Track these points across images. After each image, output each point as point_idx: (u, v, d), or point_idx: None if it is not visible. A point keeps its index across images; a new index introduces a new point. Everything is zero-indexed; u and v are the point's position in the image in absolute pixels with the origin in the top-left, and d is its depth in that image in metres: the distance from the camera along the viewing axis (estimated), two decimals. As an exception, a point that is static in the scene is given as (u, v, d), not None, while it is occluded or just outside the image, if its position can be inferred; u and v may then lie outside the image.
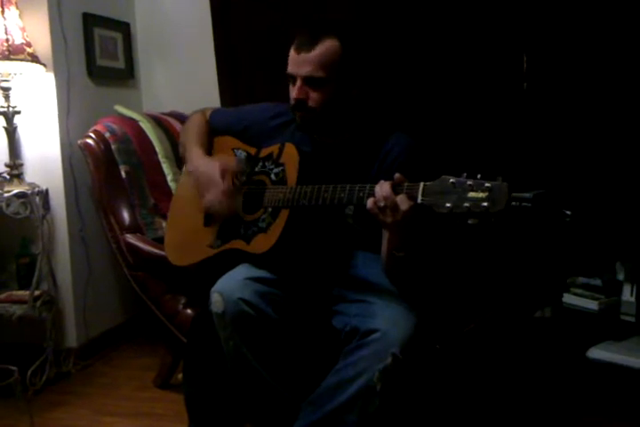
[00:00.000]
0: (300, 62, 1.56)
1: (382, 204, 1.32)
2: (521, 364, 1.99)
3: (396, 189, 1.32)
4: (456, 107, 2.39)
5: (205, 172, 1.70)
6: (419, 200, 1.28)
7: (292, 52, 1.59)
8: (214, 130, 1.87)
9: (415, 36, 2.40)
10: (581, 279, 2.18)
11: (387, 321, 1.44)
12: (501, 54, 2.32)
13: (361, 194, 1.39)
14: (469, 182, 1.21)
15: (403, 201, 1.30)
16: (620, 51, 2.16)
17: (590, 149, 2.22)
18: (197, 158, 1.76)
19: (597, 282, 2.15)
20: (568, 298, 2.11)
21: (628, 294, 2.03)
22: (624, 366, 1.83)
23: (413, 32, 2.40)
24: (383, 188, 1.33)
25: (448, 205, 1.22)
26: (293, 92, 1.59)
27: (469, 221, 1.22)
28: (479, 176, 1.22)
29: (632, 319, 2.00)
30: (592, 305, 2.05)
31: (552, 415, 1.90)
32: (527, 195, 2.14)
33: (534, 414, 1.91)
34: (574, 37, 2.22)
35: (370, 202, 1.35)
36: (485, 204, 1.18)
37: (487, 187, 1.19)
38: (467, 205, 1.20)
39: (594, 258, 2.16)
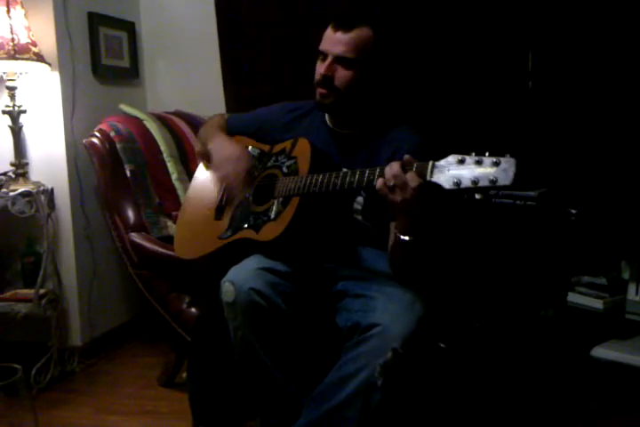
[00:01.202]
0: (335, 40, 1.62)
1: (392, 182, 1.33)
2: (525, 362, 1.98)
3: (405, 168, 1.33)
4: (462, 105, 2.39)
5: (229, 148, 1.75)
6: (428, 178, 1.29)
7: (328, 30, 1.65)
8: (230, 133, 1.90)
9: (421, 34, 2.40)
10: (586, 278, 2.17)
11: (388, 315, 1.44)
12: (507, 53, 2.32)
13: (371, 177, 1.41)
14: (477, 159, 1.23)
15: (412, 178, 1.31)
16: (625, 49, 2.16)
17: (595, 148, 2.21)
18: (222, 140, 1.81)
19: (602, 281, 2.14)
20: (573, 297, 2.11)
21: (633, 293, 2.02)
22: (629, 365, 1.83)
23: (420, 31, 2.40)
24: (393, 167, 1.34)
25: (456, 180, 1.23)
26: (322, 67, 1.64)
27: (476, 196, 1.23)
28: (487, 154, 1.23)
29: (637, 318, 2.00)
30: (597, 304, 2.04)
31: (556, 414, 1.90)
32: (532, 194, 2.14)
33: (538, 413, 1.91)
34: (579, 36, 2.21)
35: (379, 182, 1.36)
36: (493, 177, 1.20)
37: (495, 162, 1.21)
38: (475, 179, 1.21)
39: (599, 257, 2.16)
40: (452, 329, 1.91)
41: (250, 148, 1.82)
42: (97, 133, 2.35)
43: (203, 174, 1.94)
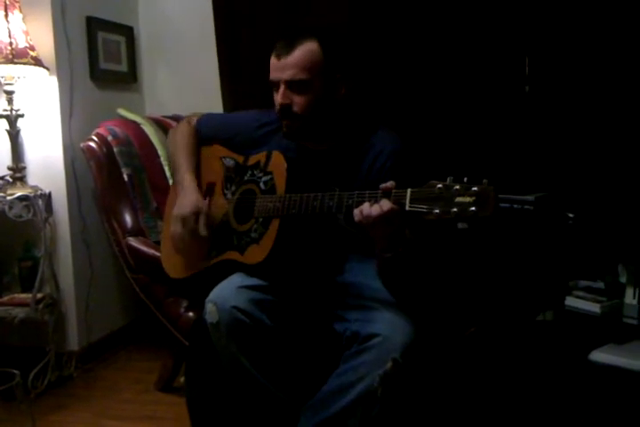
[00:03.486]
0: (281, 67, 1.57)
1: (372, 219, 1.32)
2: (523, 367, 1.98)
3: (381, 196, 1.33)
4: (458, 110, 2.39)
5: (187, 207, 1.69)
6: (407, 208, 1.28)
7: (272, 60, 1.60)
8: (201, 137, 1.87)
9: (417, 38, 2.40)
10: (584, 282, 2.17)
11: (387, 326, 1.44)
12: (504, 57, 2.33)
13: (349, 202, 1.40)
14: (456, 187, 1.21)
15: (392, 211, 1.30)
16: (622, 54, 2.16)
17: (592, 152, 2.22)
18: (188, 192, 1.74)
19: (600, 285, 2.14)
20: (570, 301, 2.11)
21: (630, 297, 2.02)
22: (626, 369, 1.82)
23: (416, 35, 2.40)
24: (372, 209, 1.32)
25: (436, 211, 1.22)
26: (278, 97, 1.59)
27: (459, 226, 1.22)
28: (465, 179, 1.22)
29: (634, 322, 2.00)
30: (594, 308, 2.04)
31: (554, 419, 1.90)
32: (530, 198, 2.15)
33: (536, 418, 1.91)
34: (576, 40, 2.22)
35: (357, 214, 1.35)
36: (473, 208, 1.19)
37: (474, 191, 1.19)
38: (455, 210, 1.20)
39: (596, 261, 2.16)
40: (449, 334, 1.91)
41: (224, 158, 1.80)
42: (94, 138, 2.35)
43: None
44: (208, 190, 1.80)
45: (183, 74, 2.93)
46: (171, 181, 2.41)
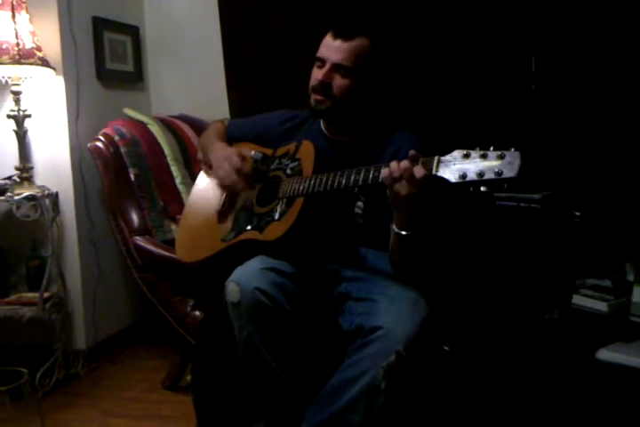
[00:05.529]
0: (334, 48, 1.63)
1: (398, 174, 1.34)
2: (529, 365, 1.98)
3: (411, 162, 1.35)
4: (465, 108, 2.39)
5: (225, 152, 1.77)
6: (433, 172, 1.30)
7: (327, 38, 1.67)
8: (231, 138, 1.92)
9: (424, 36, 2.40)
10: (591, 280, 2.16)
11: (391, 318, 1.45)
12: (510, 56, 2.33)
13: (376, 173, 1.41)
14: (482, 153, 1.25)
15: (419, 171, 1.32)
16: (628, 52, 2.16)
17: (599, 150, 2.21)
18: (220, 147, 1.82)
19: (607, 283, 2.13)
20: (577, 299, 2.10)
21: (638, 296, 2.01)
22: (633, 367, 1.82)
23: (422, 33, 2.40)
24: (401, 161, 1.35)
25: (462, 173, 1.25)
26: (319, 74, 1.65)
27: (482, 189, 1.24)
28: (492, 148, 1.25)
29: (642, 321, 1.99)
30: (601, 306, 2.04)
31: (560, 417, 1.89)
32: (536, 196, 2.14)
33: (543, 416, 1.90)
34: (583, 39, 2.21)
35: (385, 171, 1.37)
36: (498, 170, 1.22)
37: (499, 155, 1.23)
38: (480, 172, 1.23)
39: (603, 259, 2.15)
40: (456, 331, 1.91)
41: (252, 152, 1.83)
42: (101, 137, 2.36)
43: (204, 181, 1.95)
44: None
45: (189, 73, 2.94)
46: (178, 180, 2.43)
